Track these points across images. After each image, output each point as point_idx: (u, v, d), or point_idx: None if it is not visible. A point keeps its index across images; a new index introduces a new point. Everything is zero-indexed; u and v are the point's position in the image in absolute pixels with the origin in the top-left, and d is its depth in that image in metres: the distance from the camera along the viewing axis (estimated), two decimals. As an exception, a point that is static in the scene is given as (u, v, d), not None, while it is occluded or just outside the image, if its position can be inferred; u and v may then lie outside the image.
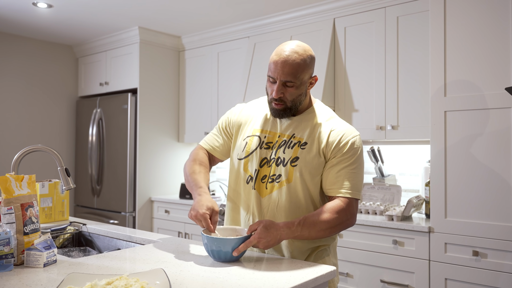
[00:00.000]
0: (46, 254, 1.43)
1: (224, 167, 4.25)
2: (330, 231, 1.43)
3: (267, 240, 1.39)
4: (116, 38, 4.06)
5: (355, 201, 1.48)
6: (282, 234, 1.41)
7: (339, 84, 3.11)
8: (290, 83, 1.48)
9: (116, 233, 2.03)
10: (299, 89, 1.50)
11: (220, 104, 3.86)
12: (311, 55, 1.51)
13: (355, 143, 1.51)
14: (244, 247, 1.39)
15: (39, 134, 4.33)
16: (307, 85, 1.53)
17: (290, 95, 1.49)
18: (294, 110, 1.53)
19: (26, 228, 1.47)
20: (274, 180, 1.54)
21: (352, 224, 1.49)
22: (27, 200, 1.51)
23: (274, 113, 1.55)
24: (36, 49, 4.31)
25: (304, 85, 1.50)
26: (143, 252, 1.62)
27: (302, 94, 1.52)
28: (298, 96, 1.51)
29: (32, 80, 4.28)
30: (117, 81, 4.12)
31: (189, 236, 3.62)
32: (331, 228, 1.43)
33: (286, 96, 1.50)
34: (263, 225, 1.40)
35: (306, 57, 1.48)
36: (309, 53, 1.50)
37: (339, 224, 1.44)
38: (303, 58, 1.47)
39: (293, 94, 1.49)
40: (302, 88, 1.50)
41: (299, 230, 1.41)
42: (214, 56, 3.93)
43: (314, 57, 1.53)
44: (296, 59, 1.46)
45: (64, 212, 2.40)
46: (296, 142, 1.54)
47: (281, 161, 1.54)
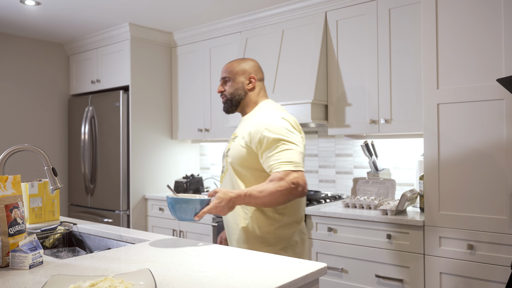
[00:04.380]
0: (31, 256, 1.40)
1: (218, 164, 4.22)
2: (278, 196, 1.61)
3: (222, 206, 1.61)
4: (107, 35, 4.02)
5: (295, 172, 1.63)
6: (234, 201, 1.63)
7: (332, 78, 3.08)
8: (227, 78, 1.89)
9: (106, 233, 2.00)
10: (234, 83, 1.87)
11: (213, 100, 3.83)
12: (249, 62, 1.90)
13: (278, 124, 1.71)
14: (203, 213, 1.60)
15: (31, 133, 4.28)
16: (245, 82, 1.87)
17: (228, 88, 1.89)
18: (234, 102, 1.88)
19: (11, 229, 1.44)
20: (222, 171, 1.90)
21: (302, 193, 1.64)
22: (11, 201, 1.48)
23: (223, 107, 1.93)
24: (26, 48, 4.26)
25: (238, 79, 1.87)
26: (132, 252, 1.59)
27: (239, 89, 1.87)
28: (235, 90, 1.87)
29: (23, 79, 4.24)
30: (109, 78, 4.08)
31: (183, 234, 3.60)
32: (275, 195, 1.61)
33: (226, 90, 1.90)
34: (218, 193, 1.63)
35: (240, 61, 1.91)
36: (246, 60, 1.91)
37: (283, 190, 1.61)
38: (237, 62, 1.91)
39: (231, 87, 1.88)
40: (237, 83, 1.87)
41: (248, 198, 1.63)
42: (206, 52, 3.89)
43: (251, 63, 1.90)
44: (231, 62, 1.92)
45: (54, 212, 2.37)
46: (234, 137, 1.86)
47: (224, 154, 1.89)
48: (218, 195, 1.62)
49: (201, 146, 4.39)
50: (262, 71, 1.95)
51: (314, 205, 2.94)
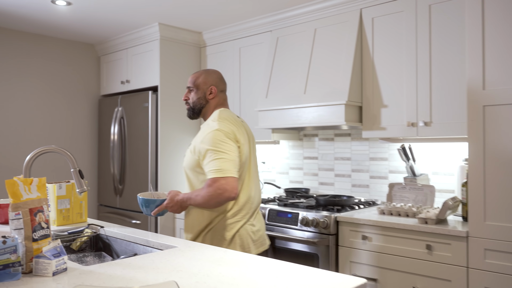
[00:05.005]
0: (55, 262, 1.35)
1: (247, 166, 4.13)
2: (207, 200, 1.87)
3: (172, 205, 1.98)
4: (137, 35, 4.00)
5: (223, 179, 1.84)
6: (182, 202, 1.97)
7: (367, 78, 2.95)
8: (191, 88, 2.11)
9: (133, 237, 1.94)
10: (197, 94, 2.09)
11: (243, 101, 3.75)
12: (212, 74, 2.12)
13: (210, 136, 1.92)
14: (157, 210, 1.99)
15: (62, 133, 4.32)
16: (207, 92, 2.09)
17: (192, 97, 2.11)
18: (196, 110, 2.11)
19: (35, 234, 1.39)
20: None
21: (229, 197, 1.85)
22: (36, 204, 1.43)
23: (187, 114, 2.15)
24: (58, 48, 4.30)
25: (201, 89, 2.09)
26: (159, 259, 1.52)
27: (201, 98, 2.09)
28: (197, 99, 2.09)
29: (55, 79, 4.27)
30: (138, 79, 4.06)
31: (211, 237, 3.53)
32: (205, 199, 1.87)
33: (189, 98, 2.12)
34: (170, 195, 2.00)
35: (205, 72, 2.12)
36: (210, 72, 2.13)
37: (214, 196, 1.85)
38: (202, 73, 2.12)
39: (193, 97, 2.10)
40: (199, 93, 2.09)
41: (188, 200, 1.95)
42: (235, 51, 3.81)
43: (214, 74, 2.12)
44: (197, 73, 2.13)
45: (82, 214, 2.33)
46: (189, 146, 2.08)
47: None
48: (169, 197, 1.99)
49: (229, 148, 4.31)
50: (225, 82, 2.18)
51: (347, 211, 2.81)
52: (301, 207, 2.95)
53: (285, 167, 3.83)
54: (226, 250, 1.65)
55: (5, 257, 1.28)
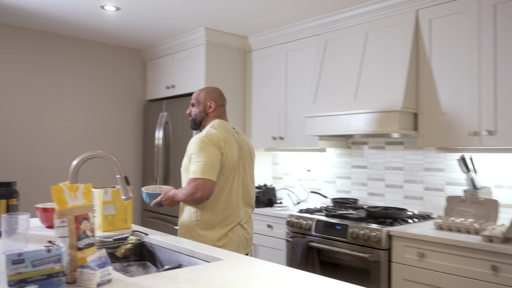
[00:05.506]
0: (99, 273, 1.28)
1: (292, 174, 4.02)
2: (185, 197, 2.12)
3: (166, 199, 2.21)
4: (183, 40, 3.99)
5: (199, 179, 2.08)
6: (173, 197, 2.19)
7: (423, 84, 2.77)
8: (194, 103, 2.38)
9: (178, 247, 1.87)
10: (198, 108, 2.36)
11: (289, 107, 3.64)
12: (212, 92, 2.37)
13: (195, 143, 2.16)
14: (154, 203, 2.24)
15: (108, 138, 4.37)
16: (207, 107, 2.34)
17: (194, 111, 2.38)
18: (197, 122, 2.37)
19: (80, 242, 1.34)
20: None
21: (201, 197, 2.08)
22: (81, 212, 1.38)
23: (189, 125, 2.42)
24: (106, 54, 4.36)
25: (201, 105, 2.35)
26: (205, 273, 1.43)
27: (201, 112, 2.35)
28: (198, 112, 2.36)
29: (103, 84, 4.34)
30: (183, 84, 4.05)
31: (255, 247, 3.43)
32: (183, 195, 2.13)
33: (192, 112, 2.38)
34: (165, 191, 2.25)
35: (205, 89, 2.39)
36: (209, 89, 2.38)
37: (190, 194, 2.10)
38: (202, 90, 2.39)
39: (195, 110, 2.37)
40: (200, 107, 2.35)
41: (175, 196, 2.18)
42: (282, 56, 3.72)
43: (214, 91, 2.37)
44: (199, 90, 2.40)
45: (127, 220, 2.30)
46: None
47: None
48: (163, 192, 2.23)
49: (274, 155, 4.22)
50: (224, 98, 2.41)
51: (401, 225, 2.63)
52: (351, 219, 2.80)
53: (331, 176, 3.68)
54: (275, 265, 1.55)
55: (49, 267, 1.23)
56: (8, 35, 3.80)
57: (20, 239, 1.64)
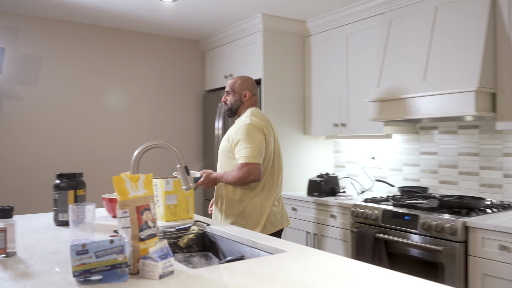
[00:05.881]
0: (161, 265, 1.26)
1: (355, 162, 3.86)
2: (236, 180, 2.28)
3: (207, 181, 2.36)
4: (240, 28, 3.94)
5: (251, 164, 2.25)
6: (215, 179, 2.37)
7: (502, 61, 2.51)
8: (229, 92, 2.51)
9: (239, 237, 1.83)
10: (234, 96, 2.49)
11: (350, 92, 3.48)
12: (246, 81, 2.51)
13: (243, 128, 2.31)
14: (196, 185, 2.31)
15: (168, 128, 4.44)
16: (242, 95, 2.48)
17: (229, 100, 2.51)
18: (234, 110, 2.51)
19: (142, 233, 1.32)
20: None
21: (255, 180, 2.26)
22: (143, 202, 1.36)
23: (225, 113, 2.61)
24: (165, 46, 4.42)
25: (237, 93, 2.48)
26: (268, 265, 1.37)
27: (237, 100, 2.49)
28: (234, 101, 2.49)
29: (162, 76, 4.41)
30: (241, 72, 4.00)
31: (317, 237, 3.33)
32: (235, 178, 2.28)
33: (228, 100, 2.52)
34: (205, 174, 2.38)
35: (239, 78, 2.52)
36: (243, 79, 2.52)
37: (240, 177, 2.26)
38: (237, 79, 2.51)
39: (231, 99, 2.50)
40: (236, 96, 2.49)
41: (221, 179, 2.36)
42: (342, 39, 3.55)
43: (248, 81, 2.51)
44: (233, 78, 2.54)
45: (188, 210, 2.29)
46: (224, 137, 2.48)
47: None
48: (204, 175, 2.36)
49: (335, 142, 4.07)
50: (256, 87, 2.54)
51: (478, 215, 2.42)
52: (421, 209, 2.62)
53: (398, 163, 3.48)
54: (341, 258, 1.45)
55: (112, 257, 1.23)
56: (71, 32, 3.95)
57: (87, 228, 1.66)
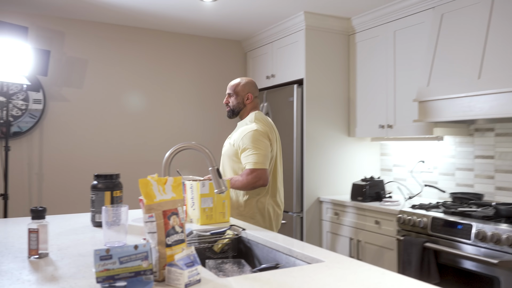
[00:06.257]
0: (187, 273, 1.19)
1: (402, 166, 3.66)
2: (245, 185, 2.32)
3: None
4: (282, 27, 3.85)
5: (259, 170, 2.30)
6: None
7: None
8: (231, 94, 2.52)
9: (275, 244, 1.74)
10: (236, 99, 2.51)
11: (398, 92, 3.29)
12: (248, 83, 2.52)
13: (250, 135, 2.34)
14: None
15: (211, 130, 4.42)
16: (244, 98, 2.50)
17: (232, 102, 2.52)
18: (236, 112, 2.53)
19: (169, 239, 1.26)
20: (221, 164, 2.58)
21: (263, 185, 2.32)
22: (170, 206, 1.30)
23: (227, 114, 2.58)
24: (207, 47, 4.41)
25: (239, 96, 2.50)
26: (302, 276, 1.27)
27: (240, 103, 2.51)
28: (237, 103, 2.51)
29: (204, 77, 4.40)
30: (283, 72, 3.92)
31: (361, 244, 3.17)
32: (244, 184, 2.32)
33: (230, 102, 2.53)
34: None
35: (241, 80, 2.53)
36: (246, 81, 2.53)
37: (249, 182, 2.31)
38: (239, 81, 2.52)
39: (233, 101, 2.52)
40: (238, 98, 2.50)
41: (230, 184, 2.31)
42: (389, 35, 3.37)
43: (250, 83, 2.53)
44: (235, 81, 2.54)
45: (224, 213, 2.23)
46: (229, 139, 2.52)
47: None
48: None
49: (382, 145, 3.89)
50: (258, 89, 2.57)
51: (541, 226, 2.19)
52: (475, 217, 2.41)
53: (450, 167, 3.26)
54: (383, 272, 1.33)
55: (136, 264, 1.17)
56: (115, 35, 4.02)
57: (120, 230, 1.63)
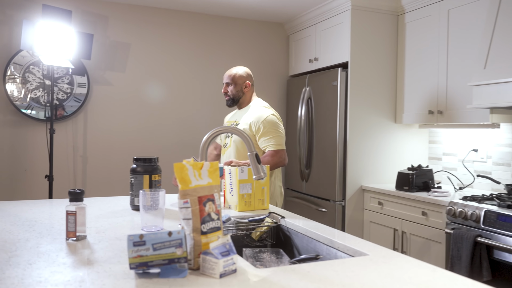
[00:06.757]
0: (222, 262, 1.14)
1: (453, 154, 3.46)
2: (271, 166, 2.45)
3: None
4: (326, 7, 3.69)
5: (282, 151, 2.49)
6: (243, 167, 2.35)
7: None
8: (229, 83, 2.65)
9: (315, 234, 1.66)
10: (235, 88, 2.64)
11: (451, 75, 3.08)
12: (245, 71, 2.69)
13: (270, 119, 2.51)
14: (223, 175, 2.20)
15: (252, 115, 4.35)
16: (243, 86, 2.64)
17: (230, 90, 2.65)
18: (236, 101, 2.66)
19: (204, 226, 1.21)
20: (225, 146, 2.67)
21: (285, 164, 2.52)
22: (206, 192, 1.25)
23: (226, 103, 2.69)
24: (249, 30, 4.33)
25: (238, 85, 2.63)
26: (344, 270, 1.19)
27: (239, 91, 2.64)
28: (236, 92, 2.64)
29: (246, 61, 4.32)
30: (327, 56, 3.77)
31: (406, 236, 3.03)
32: (270, 164, 2.44)
33: (229, 91, 2.65)
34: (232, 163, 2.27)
35: (238, 70, 2.67)
36: (243, 70, 2.69)
37: (275, 162, 2.47)
38: (236, 70, 2.67)
39: (232, 90, 2.64)
40: (237, 87, 2.63)
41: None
42: (443, 15, 3.16)
43: (247, 72, 2.69)
44: (232, 71, 2.67)
45: (264, 200, 2.17)
46: (235, 124, 2.64)
47: (227, 135, 2.65)
48: (232, 164, 2.25)
49: (430, 132, 3.68)
50: (252, 76, 2.71)
51: None
52: (535, 212, 2.23)
53: (505, 157, 3.04)
54: (434, 269, 1.22)
55: (170, 251, 1.13)
56: (157, 19, 4.01)
57: (157, 214, 1.62)
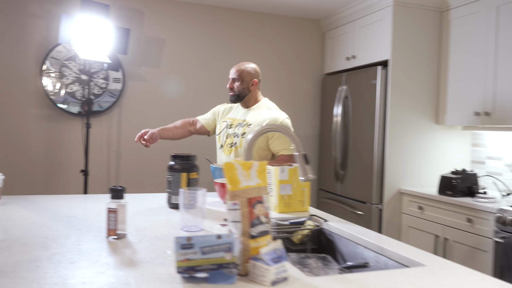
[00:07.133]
0: (274, 269, 1.07)
1: (498, 158, 3.29)
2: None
3: None
4: (366, 4, 3.58)
5: (293, 156, 2.34)
6: None
7: None
8: (236, 79, 2.55)
9: (363, 240, 1.57)
10: (242, 84, 2.54)
11: (500, 75, 2.92)
12: (253, 68, 2.60)
13: (286, 123, 2.51)
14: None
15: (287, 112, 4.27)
16: (249, 83, 2.55)
17: (237, 87, 2.55)
18: (241, 97, 2.56)
19: (253, 230, 1.14)
20: (232, 146, 2.54)
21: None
22: (255, 193, 1.18)
23: (230, 99, 2.59)
24: (284, 26, 4.25)
25: (245, 82, 2.54)
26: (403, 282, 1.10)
27: (245, 88, 2.55)
28: (242, 88, 2.55)
29: (280, 58, 4.26)
30: (365, 53, 3.65)
31: (448, 242, 2.89)
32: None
33: (234, 87, 2.56)
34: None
35: (246, 66, 2.58)
36: (250, 66, 2.59)
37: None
38: (244, 67, 2.58)
39: (238, 86, 2.55)
40: (244, 84, 2.54)
41: None
42: (491, 11, 2.99)
43: (255, 69, 2.60)
44: (239, 66, 2.58)
45: (303, 202, 2.09)
46: (246, 124, 2.52)
47: (236, 135, 2.53)
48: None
49: (474, 134, 3.52)
50: (260, 74, 2.61)
51: None
52: None
53: (558, 162, 2.86)
54: (502, 284, 1.12)
55: (219, 255, 1.07)
56: (192, 14, 3.97)
57: (197, 214, 1.57)
